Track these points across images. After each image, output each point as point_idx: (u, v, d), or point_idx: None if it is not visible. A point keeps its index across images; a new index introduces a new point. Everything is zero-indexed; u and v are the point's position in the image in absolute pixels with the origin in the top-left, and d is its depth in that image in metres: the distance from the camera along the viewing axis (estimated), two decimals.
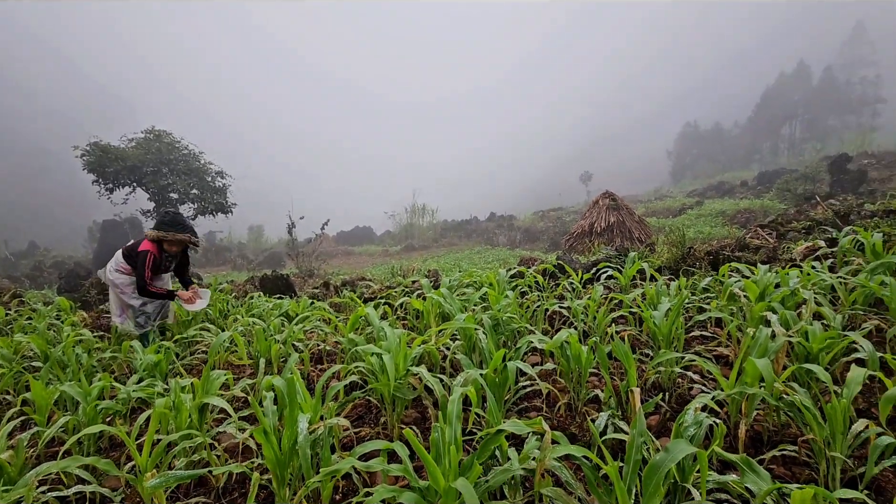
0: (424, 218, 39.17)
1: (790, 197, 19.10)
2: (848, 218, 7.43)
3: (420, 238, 35.31)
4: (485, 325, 3.01)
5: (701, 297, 3.94)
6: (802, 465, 2.10)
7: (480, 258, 23.08)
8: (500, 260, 20.44)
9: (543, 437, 1.48)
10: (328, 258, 26.19)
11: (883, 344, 2.97)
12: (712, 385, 2.77)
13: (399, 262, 22.20)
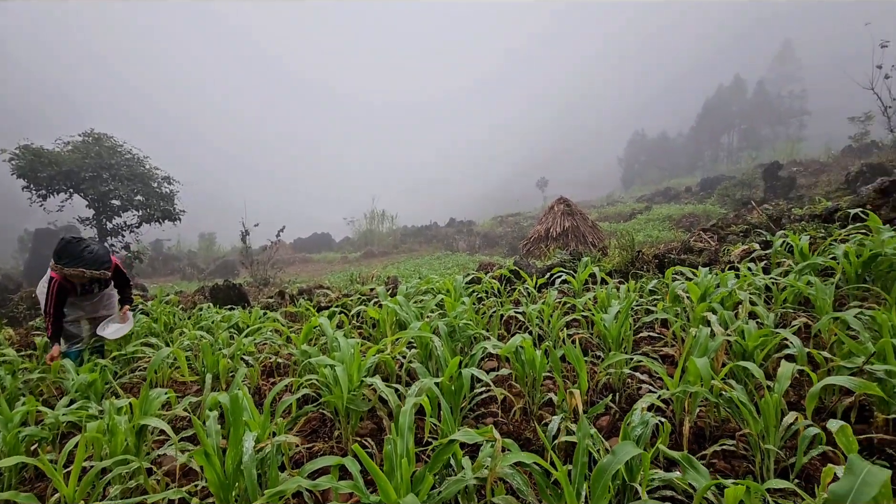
0: (384, 224, 38.90)
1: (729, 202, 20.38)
2: (780, 222, 7.97)
3: (380, 244, 35.00)
4: (441, 333, 3.00)
5: (648, 299, 4.10)
6: (741, 458, 2.21)
7: (440, 264, 23.14)
8: (459, 265, 20.56)
9: (494, 445, 1.48)
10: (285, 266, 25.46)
11: (810, 339, 3.19)
12: (659, 384, 2.88)
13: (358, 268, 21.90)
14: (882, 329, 2.53)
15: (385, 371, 3.23)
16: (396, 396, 2.37)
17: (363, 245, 35.79)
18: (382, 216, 38.76)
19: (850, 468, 1.16)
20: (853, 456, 1.17)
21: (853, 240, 4.03)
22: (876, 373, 2.23)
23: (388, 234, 37.77)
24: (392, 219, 39.08)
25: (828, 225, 5.40)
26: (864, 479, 1.13)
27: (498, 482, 1.77)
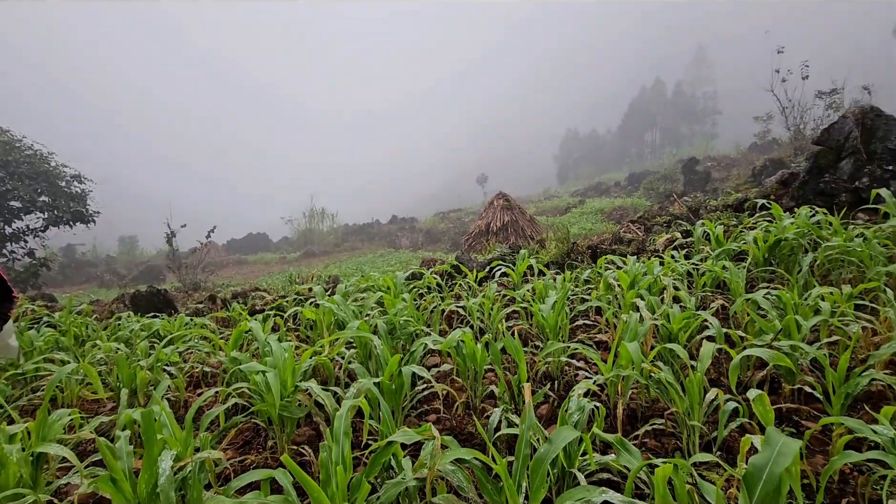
0: (324, 222, 37.82)
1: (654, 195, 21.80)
2: (698, 212, 8.58)
3: (320, 243, 33.99)
4: (380, 331, 2.92)
5: (583, 288, 4.25)
6: (670, 435, 2.33)
7: (383, 261, 22.85)
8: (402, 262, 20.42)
9: (433, 444, 1.44)
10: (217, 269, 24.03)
11: (727, 320, 3.44)
12: (595, 370, 2.98)
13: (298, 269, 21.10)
14: (787, 307, 2.77)
15: (323, 374, 3.10)
16: (334, 400, 2.27)
17: (303, 245, 34.59)
18: (322, 214, 37.66)
19: (768, 440, 1.23)
20: (770, 429, 1.25)
21: (760, 227, 4.41)
22: (782, 348, 2.43)
23: (328, 233, 36.77)
24: (333, 217, 38.09)
25: (738, 214, 5.88)
26: (780, 451, 1.20)
27: (439, 481, 1.73)
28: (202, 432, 2.11)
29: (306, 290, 6.15)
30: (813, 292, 2.98)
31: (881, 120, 5.03)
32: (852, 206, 4.98)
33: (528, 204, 32.57)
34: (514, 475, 1.49)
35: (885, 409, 1.77)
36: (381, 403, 2.02)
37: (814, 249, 3.94)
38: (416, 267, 7.02)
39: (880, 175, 4.89)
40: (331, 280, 8.96)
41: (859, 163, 4.97)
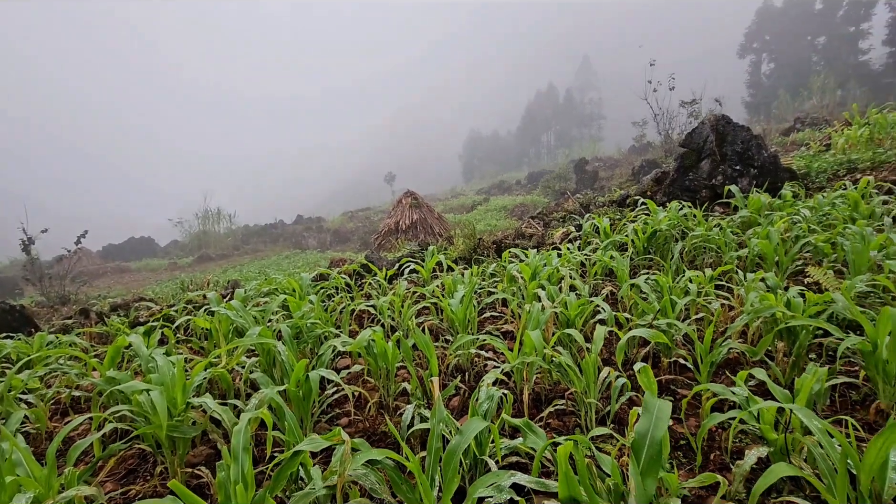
0: (221, 224, 34.88)
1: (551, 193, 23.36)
2: (588, 208, 9.34)
3: (217, 247, 31.29)
4: (284, 336, 2.76)
5: (490, 281, 4.41)
6: (571, 414, 2.50)
7: (289, 263, 21.69)
8: (310, 263, 19.55)
9: (343, 448, 1.39)
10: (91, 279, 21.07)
11: (616, 304, 3.79)
12: (503, 359, 3.11)
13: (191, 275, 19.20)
14: (663, 290, 3.12)
15: (221, 387, 2.86)
16: (233, 414, 2.10)
17: (197, 248, 31.58)
18: (218, 215, 34.69)
19: (646, 407, 1.37)
20: (646, 396, 1.39)
21: (639, 220, 4.92)
22: (661, 326, 2.74)
23: (226, 235, 33.99)
24: (230, 217, 35.27)
25: (622, 209, 6.52)
26: (657, 416, 1.34)
27: (351, 486, 1.68)
28: (69, 467, 1.82)
29: (201, 297, 5.62)
30: (683, 276, 3.40)
31: (730, 126, 5.89)
32: (711, 200, 5.77)
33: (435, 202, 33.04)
34: (426, 470, 1.49)
35: (741, 373, 2.07)
36: (286, 412, 1.90)
37: (682, 238, 4.49)
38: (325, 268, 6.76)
39: (731, 174, 5.72)
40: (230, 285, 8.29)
41: (715, 163, 5.76)
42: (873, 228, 3.96)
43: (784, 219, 4.31)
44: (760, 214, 4.73)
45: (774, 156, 5.84)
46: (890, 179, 6.02)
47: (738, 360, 2.71)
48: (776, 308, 2.39)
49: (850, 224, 3.92)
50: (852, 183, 5.75)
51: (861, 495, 1.37)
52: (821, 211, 4.53)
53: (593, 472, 1.43)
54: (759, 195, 4.98)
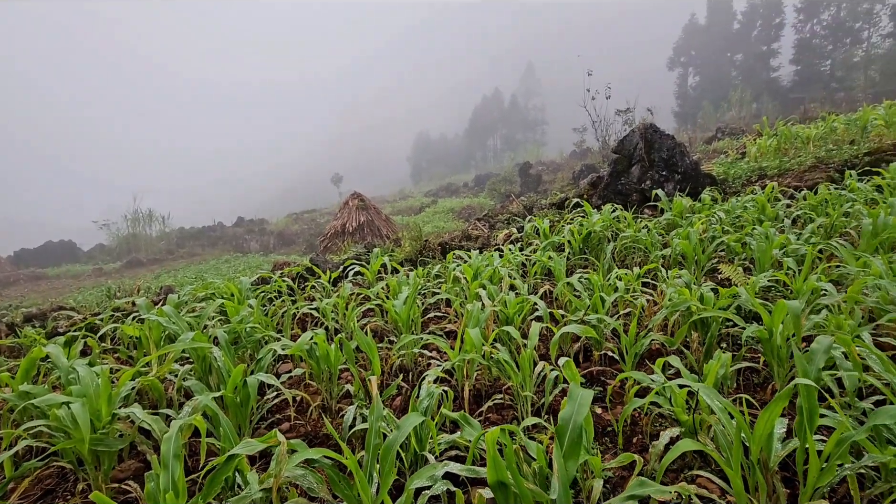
0: (153, 226, 32.63)
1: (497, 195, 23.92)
2: (532, 210, 9.67)
3: (149, 251, 29.28)
4: (221, 341, 2.68)
5: (434, 282, 4.48)
6: (508, 408, 2.62)
7: (229, 267, 20.73)
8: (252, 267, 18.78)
9: (279, 449, 1.39)
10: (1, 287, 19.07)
11: (554, 302, 3.98)
12: (445, 358, 3.18)
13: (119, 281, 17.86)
14: (594, 288, 3.32)
15: (152, 397, 2.73)
16: (164, 423, 2.02)
17: (126, 253, 29.38)
18: (150, 217, 32.43)
19: (570, 395, 1.48)
20: (571, 385, 1.50)
21: (576, 222, 5.18)
22: (591, 321, 2.92)
23: (159, 238, 31.89)
24: (164, 220, 33.08)
25: (561, 211, 6.83)
26: (580, 403, 1.46)
27: (290, 487, 1.68)
28: None
29: (129, 304, 5.28)
30: (612, 274, 3.63)
31: (657, 135, 6.34)
32: (641, 203, 6.18)
33: (384, 204, 32.79)
34: (365, 467, 1.53)
35: (659, 360, 2.26)
36: (221, 419, 1.86)
37: (614, 239, 4.79)
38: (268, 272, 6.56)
39: (658, 178, 6.16)
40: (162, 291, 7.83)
41: (644, 169, 6.18)
42: (776, 229, 4.42)
43: (703, 220, 4.71)
44: (683, 216, 5.13)
45: (696, 162, 6.34)
46: (793, 185, 6.71)
47: (660, 350, 2.94)
48: (690, 302, 2.63)
49: (757, 225, 4.36)
50: (761, 188, 6.36)
51: (752, 464, 1.56)
52: (734, 213, 4.99)
53: (521, 458, 1.53)
54: (682, 199, 5.41)
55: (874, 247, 3.78)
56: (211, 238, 31.07)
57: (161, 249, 29.59)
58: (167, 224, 33.27)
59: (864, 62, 33.74)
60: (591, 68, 17.81)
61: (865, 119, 8.11)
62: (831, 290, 2.76)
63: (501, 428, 1.35)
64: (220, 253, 27.62)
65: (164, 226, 33.05)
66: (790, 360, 2.34)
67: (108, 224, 32.01)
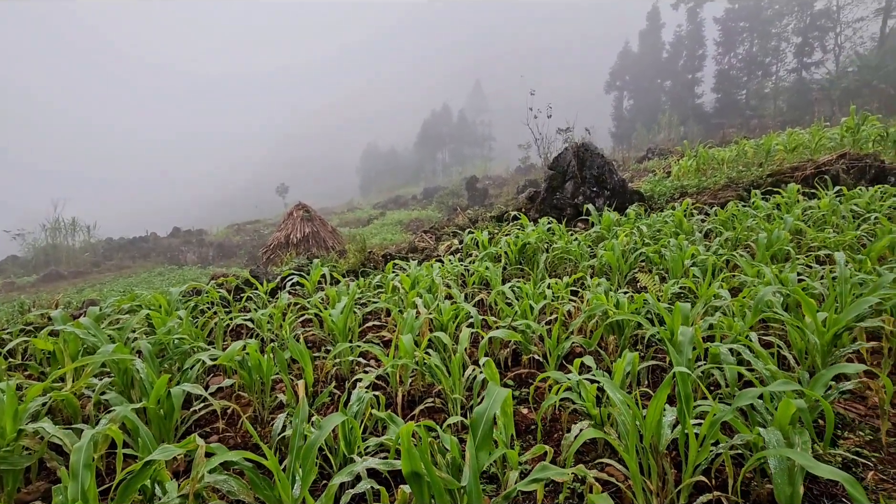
0: (76, 236, 30.10)
1: (444, 208, 24.28)
2: (477, 223, 9.92)
3: (71, 263, 26.94)
4: (145, 353, 2.59)
5: (374, 292, 4.53)
6: (440, 411, 2.71)
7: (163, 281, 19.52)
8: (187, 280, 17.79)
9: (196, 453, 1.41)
10: None
11: (489, 310, 4.14)
12: (381, 366, 3.24)
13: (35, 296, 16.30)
14: (524, 296, 3.51)
15: (66, 413, 2.58)
16: (78, 438, 1.94)
17: (43, 265, 26.85)
18: (73, 226, 29.92)
19: (488, 392, 1.60)
20: (490, 384, 1.63)
21: (513, 234, 5.43)
22: (520, 327, 3.09)
23: (83, 250, 29.44)
24: (89, 230, 30.62)
25: (501, 224, 7.09)
26: (495, 399, 1.58)
27: (211, 493, 1.68)
28: None
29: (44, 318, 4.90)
30: (544, 283, 3.85)
31: (588, 153, 6.78)
32: (575, 217, 6.56)
33: (331, 216, 32.27)
34: (288, 468, 1.56)
35: (576, 361, 2.45)
36: (141, 430, 1.82)
37: (548, 251, 5.06)
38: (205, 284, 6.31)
39: (590, 194, 6.57)
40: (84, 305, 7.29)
41: (577, 184, 6.57)
42: (689, 242, 4.86)
43: (627, 233, 5.09)
44: (610, 230, 5.51)
45: (623, 180, 6.83)
46: (709, 202, 7.37)
47: (582, 352, 3.16)
48: (605, 306, 2.87)
49: (673, 238, 4.77)
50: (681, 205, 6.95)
51: (644, 448, 1.74)
52: (654, 227, 5.42)
53: (436, 450, 1.62)
54: (610, 213, 5.80)
55: (768, 257, 4.26)
56: (143, 249, 29.14)
57: (85, 261, 27.34)
58: (93, 234, 30.86)
59: (773, 93, 37.60)
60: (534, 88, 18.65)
61: (769, 145, 9.07)
62: (727, 295, 3.10)
63: (418, 424, 1.45)
64: (153, 265, 25.97)
65: (89, 236, 30.62)
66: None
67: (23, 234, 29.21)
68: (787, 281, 3.09)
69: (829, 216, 5.22)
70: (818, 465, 1.25)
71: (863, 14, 33.06)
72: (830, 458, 1.98)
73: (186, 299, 4.25)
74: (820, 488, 1.84)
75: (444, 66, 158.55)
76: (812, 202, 5.79)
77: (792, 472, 1.49)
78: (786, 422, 1.65)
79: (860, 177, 6.79)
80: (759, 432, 1.65)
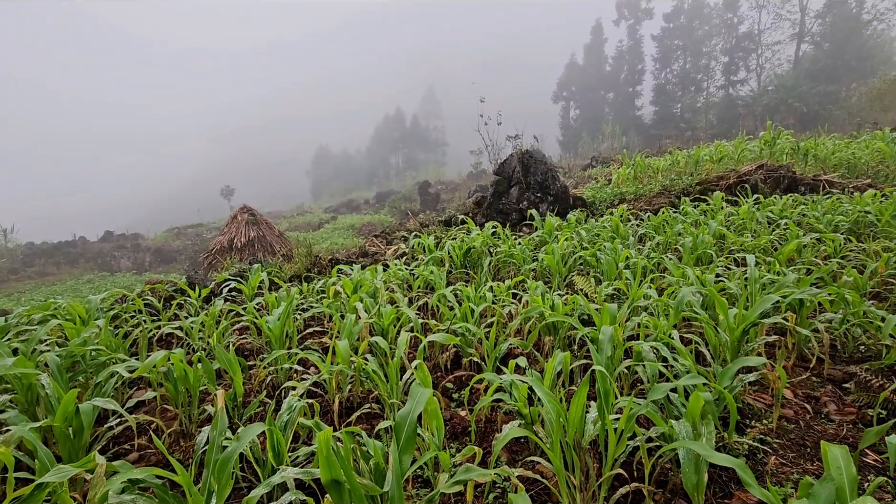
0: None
1: (397, 212, 24.16)
2: (428, 227, 9.95)
3: None
4: (52, 366, 2.39)
5: (316, 297, 4.42)
6: (377, 416, 2.68)
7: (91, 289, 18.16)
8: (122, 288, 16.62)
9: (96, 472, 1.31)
10: None
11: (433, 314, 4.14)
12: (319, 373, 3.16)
13: None
14: (465, 299, 3.55)
15: None
16: None
17: None
18: None
19: (411, 395, 1.60)
20: (413, 385, 1.63)
21: (459, 238, 5.48)
22: (459, 330, 3.12)
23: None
24: (5, 233, 27.91)
25: (449, 228, 7.15)
26: (418, 400, 1.58)
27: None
28: None
29: None
30: (486, 286, 3.91)
31: (532, 160, 6.98)
32: (519, 221, 6.72)
33: (280, 219, 31.23)
34: (203, 483, 1.49)
35: (511, 362, 2.50)
36: (40, 451, 1.68)
37: (492, 254, 5.15)
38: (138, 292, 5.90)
39: (534, 199, 6.75)
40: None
41: (522, 190, 6.74)
42: (624, 245, 5.11)
43: (567, 238, 5.27)
44: (552, 234, 5.69)
45: (565, 186, 7.08)
46: (644, 208, 7.78)
47: (520, 353, 3.23)
48: (542, 308, 2.95)
49: (609, 242, 5.00)
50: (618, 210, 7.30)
51: (567, 444, 1.80)
52: (593, 232, 5.66)
53: (359, 455, 1.60)
54: (552, 218, 6.00)
55: (693, 260, 4.55)
56: (70, 255, 26.92)
57: (1, 268, 24.90)
58: (10, 238, 28.16)
59: (704, 107, 40.36)
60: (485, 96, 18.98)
61: (697, 155, 9.72)
62: (655, 295, 3.28)
63: (345, 429, 1.42)
64: (82, 272, 24.08)
65: (5, 240, 27.91)
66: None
67: None
68: (706, 282, 3.32)
69: (748, 222, 5.66)
70: (714, 454, 1.34)
71: (780, 38, 36.25)
72: (738, 445, 2.13)
73: (109, 308, 3.97)
74: (728, 475, 1.97)
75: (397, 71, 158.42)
76: (733, 209, 6.25)
77: (698, 462, 1.59)
78: (696, 414, 1.77)
79: (776, 186, 7.42)
80: (671, 424, 1.76)
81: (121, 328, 3.75)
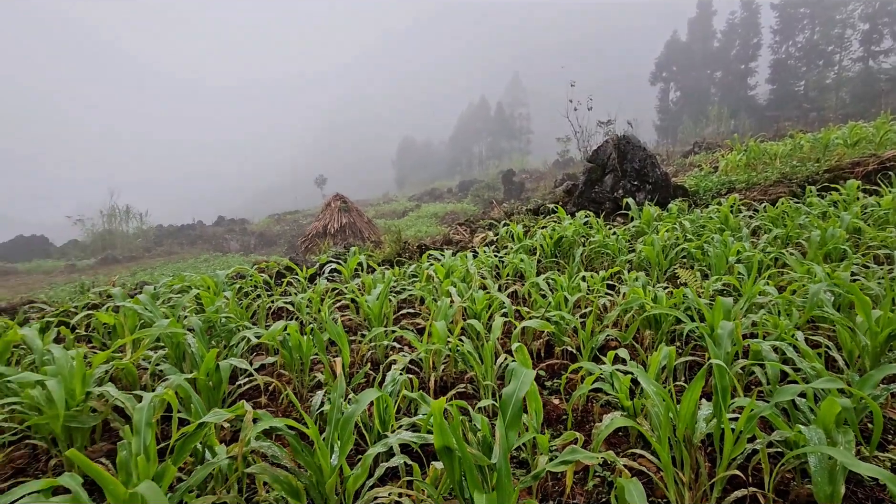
0: (130, 223, 31.98)
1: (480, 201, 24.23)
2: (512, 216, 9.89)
3: (125, 248, 28.66)
4: (196, 329, 2.77)
5: (409, 281, 4.61)
6: (472, 397, 2.76)
7: (208, 266, 20.52)
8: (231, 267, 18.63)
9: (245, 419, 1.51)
10: None
11: (523, 301, 4.14)
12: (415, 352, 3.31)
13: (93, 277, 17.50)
14: (558, 288, 3.49)
15: (125, 382, 2.79)
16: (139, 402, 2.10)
17: (100, 249, 28.68)
18: (127, 213, 31.79)
19: (515, 374, 1.63)
20: (517, 366, 1.65)
21: (549, 227, 5.38)
22: (553, 318, 3.09)
23: (136, 236, 31.26)
24: (141, 217, 32.46)
25: (537, 217, 7.03)
26: (523, 380, 1.61)
27: (255, 458, 1.79)
28: None
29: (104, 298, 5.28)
30: (578, 276, 3.82)
31: (629, 146, 6.60)
32: (614, 210, 6.42)
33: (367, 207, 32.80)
34: (327, 438, 1.65)
35: (610, 353, 2.43)
36: (193, 397, 1.96)
37: (584, 244, 4.99)
38: None
39: (630, 188, 6.41)
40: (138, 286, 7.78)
41: (617, 178, 6.42)
42: (735, 238, 4.67)
43: (669, 228, 4.94)
44: (650, 225, 5.37)
45: (666, 174, 6.62)
46: (758, 198, 7.04)
47: (616, 345, 3.12)
48: (643, 300, 2.82)
49: (718, 234, 4.60)
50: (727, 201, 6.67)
51: (678, 440, 1.72)
52: (698, 223, 5.24)
53: (467, 427, 1.67)
54: (651, 208, 5.65)
55: (821, 256, 4.04)
56: (190, 237, 30.62)
57: (138, 247, 29.02)
58: (145, 221, 32.68)
59: (835, 84, 35.17)
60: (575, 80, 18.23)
61: (827, 139, 8.54)
62: (774, 292, 2.98)
63: (450, 402, 1.49)
64: (199, 252, 27.25)
65: (141, 223, 32.44)
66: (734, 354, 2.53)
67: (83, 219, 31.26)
68: (839, 280, 2.94)
69: (892, 214, 4.89)
70: (859, 464, 1.21)
71: None
72: (878, 462, 1.89)
73: (231, 282, 4.47)
74: (865, 492, 1.76)
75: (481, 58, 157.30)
76: (875, 199, 5.43)
77: (833, 471, 1.44)
78: (829, 421, 1.60)
79: None
80: (799, 430, 1.60)
81: (241, 300, 4.22)
